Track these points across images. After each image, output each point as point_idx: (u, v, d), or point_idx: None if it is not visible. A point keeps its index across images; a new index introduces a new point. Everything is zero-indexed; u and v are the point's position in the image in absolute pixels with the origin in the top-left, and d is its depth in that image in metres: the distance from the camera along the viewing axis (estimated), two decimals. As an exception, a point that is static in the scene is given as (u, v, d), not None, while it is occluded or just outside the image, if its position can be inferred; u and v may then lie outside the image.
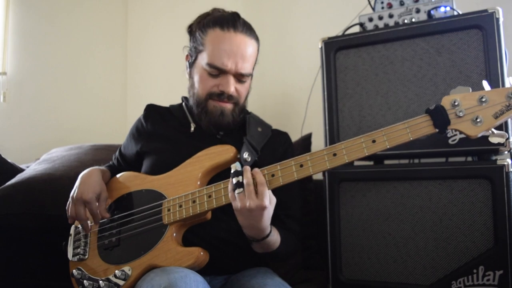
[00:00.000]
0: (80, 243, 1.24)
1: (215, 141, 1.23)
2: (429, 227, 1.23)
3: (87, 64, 2.55)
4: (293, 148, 1.36)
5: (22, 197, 1.48)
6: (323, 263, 1.62)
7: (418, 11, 1.39)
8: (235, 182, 1.01)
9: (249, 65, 1.20)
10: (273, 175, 1.03)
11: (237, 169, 1.03)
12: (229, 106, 1.21)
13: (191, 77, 1.27)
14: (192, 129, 1.27)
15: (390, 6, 1.46)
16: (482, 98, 0.92)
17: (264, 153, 1.23)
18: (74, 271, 1.20)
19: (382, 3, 1.48)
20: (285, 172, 1.03)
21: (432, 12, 1.36)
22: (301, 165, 1.02)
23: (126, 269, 1.11)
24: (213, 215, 1.13)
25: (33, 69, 2.31)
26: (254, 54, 1.22)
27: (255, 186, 1.00)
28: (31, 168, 1.67)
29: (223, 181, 1.08)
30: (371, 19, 1.46)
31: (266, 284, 1.08)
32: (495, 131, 0.93)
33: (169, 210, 1.13)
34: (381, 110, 1.34)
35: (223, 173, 1.16)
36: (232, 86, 1.19)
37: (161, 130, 1.30)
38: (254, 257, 1.16)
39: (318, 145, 1.64)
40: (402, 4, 1.43)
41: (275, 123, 1.39)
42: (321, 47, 1.42)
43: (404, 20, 1.41)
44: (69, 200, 1.21)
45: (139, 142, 1.32)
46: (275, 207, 1.05)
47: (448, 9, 1.35)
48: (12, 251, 1.49)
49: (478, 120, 0.92)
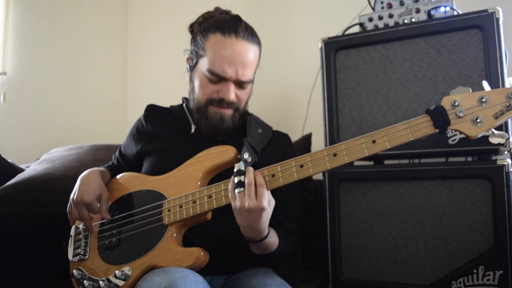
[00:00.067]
0: (80, 243, 1.24)
1: (216, 142, 1.22)
2: (429, 227, 1.23)
3: (87, 64, 2.55)
4: (293, 149, 1.36)
5: (22, 197, 1.48)
6: (323, 263, 1.62)
7: (418, 11, 1.39)
8: (236, 181, 1.01)
9: (250, 71, 1.18)
10: (273, 175, 1.03)
11: (240, 168, 1.03)
12: (229, 112, 1.20)
13: (191, 80, 1.26)
14: (192, 131, 1.27)
15: (390, 6, 1.46)
16: (482, 98, 0.92)
17: (264, 154, 1.22)
18: (75, 271, 1.20)
19: (382, 3, 1.48)
20: (286, 172, 1.03)
21: (432, 12, 1.36)
22: (301, 166, 1.02)
23: (126, 269, 1.11)
24: (213, 215, 1.13)
25: (33, 69, 2.31)
26: (255, 60, 1.21)
27: (255, 187, 1.00)
28: (31, 168, 1.67)
29: (223, 181, 1.08)
30: (371, 19, 1.46)
31: (266, 284, 1.08)
32: (495, 132, 0.93)
33: (169, 210, 1.13)
34: (381, 110, 1.34)
35: (223, 173, 1.16)
36: (232, 93, 1.17)
37: (161, 131, 1.30)
38: (254, 257, 1.16)
39: (319, 145, 1.64)
40: (402, 4, 1.43)
41: (276, 123, 1.39)
42: (321, 47, 1.42)
43: (404, 20, 1.41)
44: (70, 202, 1.21)
45: (139, 142, 1.32)
46: (275, 208, 1.04)
47: (448, 9, 1.36)
48: (12, 251, 1.49)
49: (478, 121, 0.92)
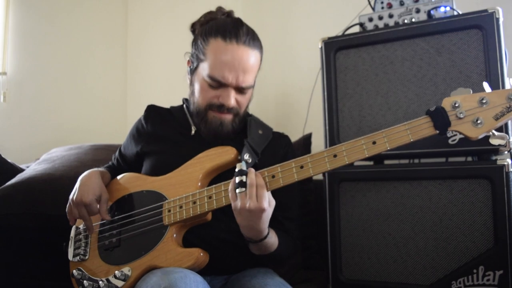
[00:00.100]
0: (80, 243, 1.24)
1: (216, 143, 1.22)
2: (429, 227, 1.23)
3: (87, 64, 2.55)
4: (294, 151, 1.35)
5: (22, 197, 1.48)
6: (323, 263, 1.62)
7: (418, 11, 1.39)
8: (238, 181, 1.01)
9: (250, 77, 1.17)
10: (273, 176, 1.03)
11: (242, 168, 1.03)
12: (229, 117, 1.20)
13: (191, 84, 1.25)
14: (192, 132, 1.27)
15: (390, 6, 1.46)
16: (482, 99, 0.92)
17: (265, 155, 1.22)
18: (74, 271, 1.20)
19: (382, 3, 1.48)
20: (286, 173, 1.03)
21: (432, 12, 1.36)
22: (302, 166, 1.02)
23: (126, 270, 1.11)
24: (214, 215, 1.13)
25: (33, 69, 2.31)
26: (256, 65, 1.19)
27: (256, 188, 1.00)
28: (31, 168, 1.67)
29: (223, 182, 1.08)
30: (371, 19, 1.46)
31: (266, 284, 1.08)
32: (495, 133, 0.93)
33: (169, 211, 1.12)
34: (381, 110, 1.34)
35: (223, 174, 1.16)
36: (233, 98, 1.16)
37: (161, 132, 1.30)
38: (254, 257, 1.16)
39: (319, 145, 1.64)
40: (402, 4, 1.43)
41: (276, 123, 1.39)
42: (321, 47, 1.42)
43: (404, 20, 1.40)
44: (69, 203, 1.21)
45: (139, 143, 1.32)
46: (275, 208, 1.04)
47: (448, 9, 1.35)
48: (12, 251, 1.49)
49: (478, 122, 0.92)
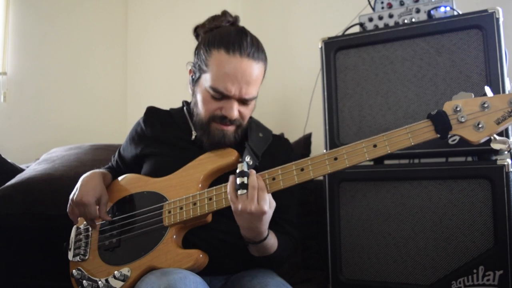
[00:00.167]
0: (80, 243, 1.24)
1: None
2: (429, 227, 1.23)
3: (87, 64, 2.55)
4: (294, 155, 1.34)
5: (22, 197, 1.48)
6: (323, 263, 1.62)
7: (418, 11, 1.39)
8: (239, 183, 1.01)
9: (254, 89, 1.15)
10: (274, 178, 1.03)
11: (243, 170, 1.02)
12: (232, 128, 1.18)
13: (194, 94, 1.23)
14: (193, 137, 1.26)
15: (390, 6, 1.46)
16: (484, 104, 0.92)
17: (265, 158, 1.22)
18: (74, 271, 1.20)
19: (382, 3, 1.48)
20: (286, 175, 1.03)
21: (432, 12, 1.36)
22: (302, 169, 1.02)
23: (125, 270, 1.11)
24: (214, 216, 1.13)
25: (33, 69, 2.31)
26: (260, 77, 1.17)
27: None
28: (31, 168, 1.67)
29: (224, 184, 1.08)
30: (371, 19, 1.46)
31: (267, 284, 1.07)
32: (497, 137, 0.93)
33: (169, 212, 1.12)
34: (381, 110, 1.34)
35: (224, 176, 1.15)
36: (236, 110, 1.14)
37: (161, 135, 1.29)
38: (253, 259, 1.16)
39: (319, 144, 1.64)
40: (402, 4, 1.43)
41: (277, 123, 1.39)
42: (321, 47, 1.42)
43: (404, 20, 1.40)
44: (69, 203, 1.21)
45: (138, 146, 1.31)
46: (275, 209, 1.04)
47: (448, 9, 1.35)
48: (12, 251, 1.49)
49: (480, 126, 0.92)
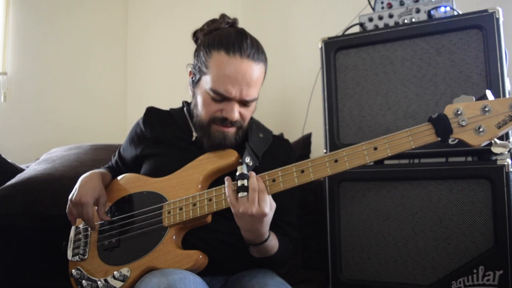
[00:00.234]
0: (80, 243, 1.24)
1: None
2: (429, 227, 1.23)
3: (87, 64, 2.55)
4: (294, 156, 1.34)
5: (22, 197, 1.47)
6: (323, 263, 1.62)
7: (418, 11, 1.39)
8: (239, 185, 1.01)
9: (255, 90, 1.15)
10: (274, 180, 1.04)
11: (243, 172, 1.02)
12: (232, 130, 1.18)
13: (194, 96, 1.23)
14: (193, 138, 1.25)
15: (390, 6, 1.46)
16: (485, 107, 0.92)
17: (265, 159, 1.22)
18: (73, 271, 1.20)
19: (382, 3, 1.48)
20: (286, 177, 1.03)
21: (432, 12, 1.36)
22: (302, 171, 1.02)
23: (125, 270, 1.11)
24: (213, 217, 1.13)
25: (33, 69, 2.31)
26: (261, 78, 1.17)
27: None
28: (31, 168, 1.67)
29: (224, 185, 1.07)
30: (371, 19, 1.46)
31: (266, 284, 1.07)
32: (497, 141, 0.93)
33: (169, 212, 1.12)
34: (381, 110, 1.34)
35: (224, 177, 1.15)
36: (236, 112, 1.14)
37: (161, 135, 1.29)
38: (253, 259, 1.16)
39: (319, 145, 1.64)
40: (402, 4, 1.43)
41: (276, 123, 1.39)
42: (321, 47, 1.42)
43: (404, 20, 1.40)
44: (68, 203, 1.21)
45: (138, 146, 1.31)
46: (276, 210, 1.04)
47: (448, 9, 1.35)
48: (12, 251, 1.49)
49: (480, 130, 0.92)
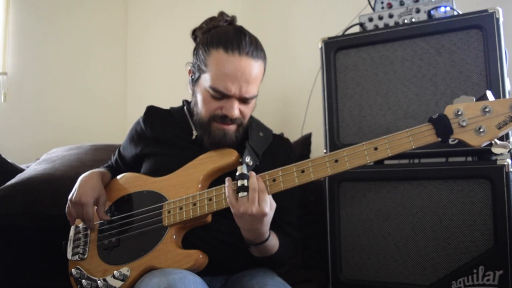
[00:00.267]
0: (79, 242, 1.24)
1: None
2: (429, 227, 1.23)
3: (87, 64, 2.55)
4: (295, 156, 1.35)
5: (22, 197, 1.47)
6: (323, 263, 1.62)
7: (418, 11, 1.39)
8: (239, 185, 1.01)
9: (254, 87, 1.15)
10: (274, 180, 1.04)
11: (243, 172, 1.02)
12: (233, 127, 1.18)
13: (194, 94, 1.23)
14: (193, 137, 1.25)
15: (390, 6, 1.46)
16: (485, 108, 0.92)
17: (266, 158, 1.22)
18: (73, 270, 1.20)
19: (382, 3, 1.48)
20: (287, 177, 1.03)
21: (432, 12, 1.36)
22: (303, 171, 1.02)
23: (125, 270, 1.11)
24: (214, 217, 1.13)
25: (33, 69, 2.31)
26: (260, 75, 1.17)
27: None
28: (31, 168, 1.67)
29: (224, 184, 1.07)
30: (371, 19, 1.46)
31: (266, 284, 1.07)
32: (498, 142, 0.93)
33: (169, 212, 1.12)
34: (381, 110, 1.34)
35: (224, 176, 1.15)
36: (236, 109, 1.14)
37: (161, 134, 1.29)
38: (254, 259, 1.16)
39: (318, 145, 1.64)
40: (402, 4, 1.43)
41: (275, 123, 1.39)
42: (321, 47, 1.42)
43: (404, 20, 1.40)
44: (68, 203, 1.21)
45: (138, 145, 1.31)
46: (276, 209, 1.04)
47: (448, 9, 1.35)
48: (12, 251, 1.49)
49: (481, 130, 0.92)
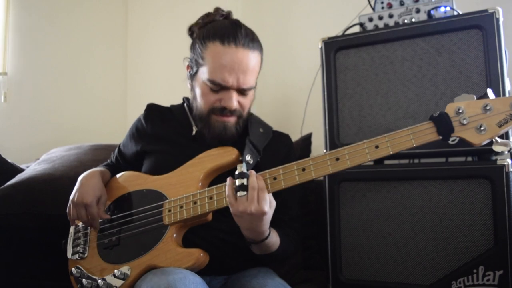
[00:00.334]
0: (79, 241, 1.24)
1: (217, 143, 1.21)
2: (429, 227, 1.23)
3: (87, 64, 2.55)
4: (294, 150, 1.35)
5: (22, 197, 1.48)
6: (323, 263, 1.62)
7: (418, 11, 1.39)
8: (238, 184, 1.00)
9: (251, 78, 1.16)
10: (275, 178, 1.03)
11: (242, 171, 1.02)
12: (232, 119, 1.18)
13: (192, 89, 1.24)
14: (193, 132, 1.26)
15: (390, 6, 1.46)
16: (486, 106, 0.92)
17: (266, 154, 1.22)
18: (73, 269, 1.20)
19: (382, 3, 1.48)
20: (287, 175, 1.03)
21: (432, 12, 1.36)
22: (304, 169, 1.02)
23: (125, 269, 1.11)
24: (214, 215, 1.13)
25: (33, 69, 2.31)
26: (257, 66, 1.18)
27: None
28: (31, 168, 1.67)
29: (225, 183, 1.07)
30: (371, 19, 1.46)
31: (266, 285, 1.07)
32: (498, 140, 0.93)
33: (169, 210, 1.12)
34: (381, 110, 1.34)
35: (224, 175, 1.16)
36: (235, 101, 1.15)
37: (161, 132, 1.29)
38: (254, 257, 1.16)
39: (318, 145, 1.64)
40: (402, 4, 1.43)
41: (275, 123, 1.39)
42: (321, 47, 1.42)
43: (404, 20, 1.40)
44: (69, 203, 1.21)
45: (139, 142, 1.31)
46: (277, 207, 1.04)
47: (448, 9, 1.35)
48: (12, 251, 1.49)
49: (482, 128, 0.92)
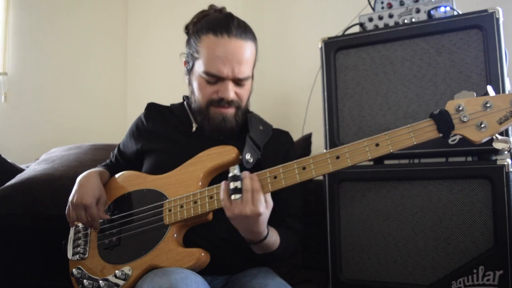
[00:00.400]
0: (80, 242, 1.24)
1: (217, 141, 1.21)
2: (429, 227, 1.23)
3: (87, 64, 2.55)
4: (294, 147, 1.36)
5: (22, 197, 1.48)
6: (323, 263, 1.62)
7: (418, 11, 1.39)
8: (232, 187, 1.00)
9: (247, 68, 1.17)
10: (275, 177, 1.03)
11: (235, 174, 1.01)
12: (231, 111, 1.19)
13: (190, 83, 1.25)
14: (193, 129, 1.27)
15: (390, 6, 1.46)
16: (486, 103, 0.92)
17: (267, 151, 1.22)
18: (74, 270, 1.20)
19: (382, 3, 1.48)
20: (288, 174, 1.03)
21: (432, 12, 1.36)
22: (304, 168, 1.02)
23: (126, 269, 1.11)
24: (214, 215, 1.13)
25: (33, 69, 2.31)
26: (251, 56, 1.19)
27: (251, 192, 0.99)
28: (31, 168, 1.67)
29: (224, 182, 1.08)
30: (371, 19, 1.46)
31: (267, 285, 1.08)
32: (499, 137, 0.93)
33: (170, 210, 1.12)
34: (381, 110, 1.34)
35: (224, 174, 1.15)
36: (231, 91, 1.16)
37: (162, 130, 1.30)
38: (255, 257, 1.16)
39: (319, 145, 1.64)
40: (402, 4, 1.43)
41: (275, 123, 1.39)
42: (321, 47, 1.42)
43: (404, 20, 1.41)
44: (68, 205, 1.20)
45: (139, 141, 1.31)
46: (278, 205, 1.04)
47: (448, 9, 1.35)
48: (12, 251, 1.49)
49: (482, 126, 0.92)
